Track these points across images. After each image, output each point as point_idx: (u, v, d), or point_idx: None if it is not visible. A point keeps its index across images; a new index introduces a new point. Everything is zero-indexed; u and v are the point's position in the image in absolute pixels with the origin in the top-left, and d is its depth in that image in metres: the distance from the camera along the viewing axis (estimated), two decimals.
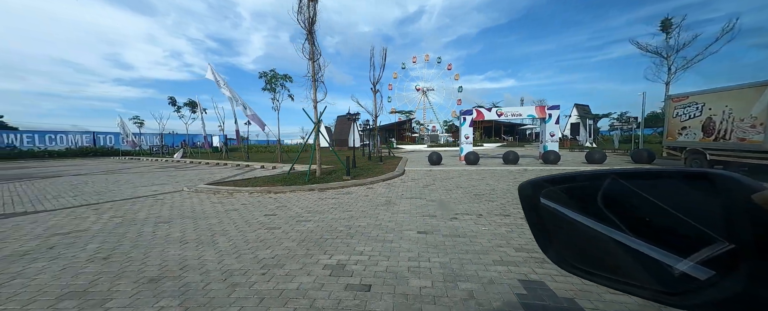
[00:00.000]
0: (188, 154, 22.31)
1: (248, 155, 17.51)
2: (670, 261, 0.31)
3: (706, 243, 0.29)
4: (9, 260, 2.77)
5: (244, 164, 13.92)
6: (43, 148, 28.95)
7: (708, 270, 0.29)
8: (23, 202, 5.76)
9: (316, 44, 7.84)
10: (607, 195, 0.38)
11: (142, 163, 18.31)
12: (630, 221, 0.36)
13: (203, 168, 13.34)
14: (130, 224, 3.95)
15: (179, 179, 9.06)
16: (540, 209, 0.44)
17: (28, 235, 3.57)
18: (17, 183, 8.79)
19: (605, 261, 0.39)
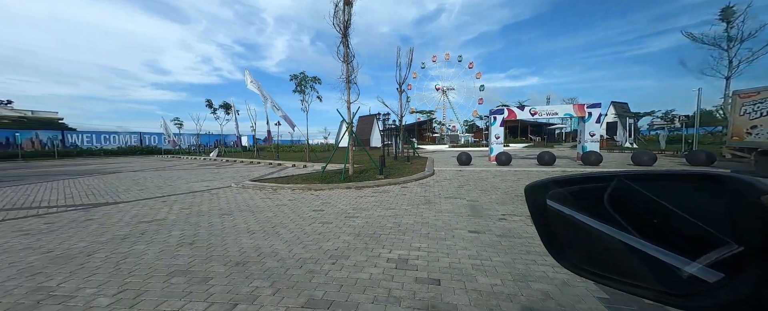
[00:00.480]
0: (223, 153, 23.93)
1: (278, 154, 18.43)
2: (677, 263, 0.31)
3: (714, 245, 0.29)
4: (115, 242, 3.24)
5: (275, 163, 14.67)
6: (99, 147, 32.57)
7: (716, 272, 0.29)
8: (102, 194, 6.58)
9: (350, 47, 8.11)
10: (614, 197, 0.37)
11: (183, 161, 19.96)
12: (637, 223, 0.35)
13: (239, 167, 14.26)
14: (198, 215, 4.39)
15: (223, 176, 9.80)
16: (547, 211, 0.44)
17: (119, 222, 4.11)
18: (88, 178, 10.01)
19: (612, 263, 0.38)
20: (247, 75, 13.11)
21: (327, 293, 2.06)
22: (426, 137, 49.73)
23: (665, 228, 0.33)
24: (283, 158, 17.43)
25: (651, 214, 0.34)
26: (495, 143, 11.35)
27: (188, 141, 36.32)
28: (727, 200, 0.29)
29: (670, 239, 0.32)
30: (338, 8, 7.79)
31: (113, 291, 2.16)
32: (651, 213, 0.34)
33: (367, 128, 33.83)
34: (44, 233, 3.63)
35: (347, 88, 8.15)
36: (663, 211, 0.33)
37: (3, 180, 9.72)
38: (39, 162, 20.91)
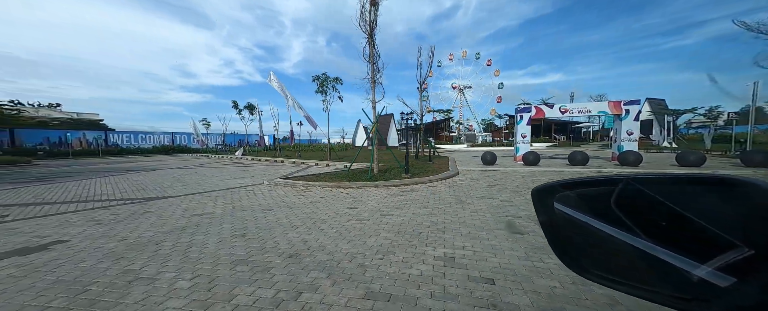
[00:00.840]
0: (247, 152, 25.06)
1: (300, 153, 19.01)
2: (687, 267, 0.31)
3: (724, 248, 0.29)
4: (176, 233, 3.54)
5: (299, 162, 15.14)
6: (136, 146, 35.24)
7: (727, 276, 0.28)
8: (151, 189, 7.15)
9: (376, 47, 8.21)
10: (622, 199, 0.37)
11: (212, 159, 21.12)
12: (646, 226, 0.35)
13: (265, 165, 14.87)
14: (241, 210, 4.67)
15: (253, 174, 10.29)
16: (554, 214, 0.44)
17: (173, 215, 4.47)
18: (133, 174, 10.90)
19: (621, 266, 0.38)
20: (272, 76, 13.62)
21: (383, 287, 2.15)
22: (442, 137, 49.06)
23: (674, 231, 0.33)
24: (305, 156, 17.95)
25: (659, 217, 0.34)
26: (521, 142, 11.00)
27: (214, 141, 38.37)
28: (737, 203, 0.29)
29: (679, 242, 0.32)
30: (364, 9, 7.91)
31: (189, 276, 2.39)
32: (659, 216, 0.34)
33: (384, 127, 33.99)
34: (114, 223, 4.04)
35: (372, 88, 8.26)
36: (672, 214, 0.33)
37: (64, 176, 10.82)
38: (87, 160, 23.01)
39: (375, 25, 7.88)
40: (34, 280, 2.34)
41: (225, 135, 33.64)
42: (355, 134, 41.64)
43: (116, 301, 2.02)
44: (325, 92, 15.07)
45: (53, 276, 2.41)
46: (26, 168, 15.09)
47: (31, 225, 3.97)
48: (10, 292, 2.15)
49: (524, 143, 10.93)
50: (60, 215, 4.51)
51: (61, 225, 3.94)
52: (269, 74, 13.65)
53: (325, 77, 15.06)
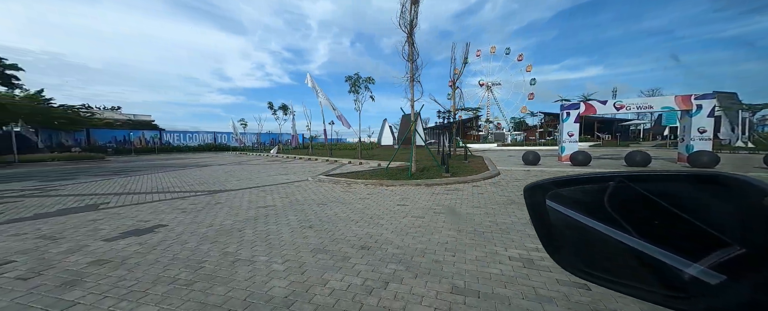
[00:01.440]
0: (281, 150, 26.56)
1: (331, 152, 19.71)
2: (679, 265, 0.31)
3: (715, 246, 0.29)
4: (251, 222, 3.91)
5: (331, 160, 15.70)
6: (184, 144, 39.07)
7: (718, 274, 0.28)
8: (211, 183, 7.92)
9: (415, 46, 8.24)
10: (615, 198, 0.37)
11: (251, 157, 22.69)
12: (638, 224, 0.35)
13: (300, 162, 15.64)
14: (299, 204, 5.00)
15: (293, 170, 10.89)
16: (546, 212, 0.44)
17: (242, 206, 4.92)
18: (189, 170, 12.11)
19: (612, 265, 0.38)
20: (309, 78, 14.27)
21: (467, 283, 2.19)
22: (469, 136, 47.57)
23: (666, 229, 0.33)
24: (336, 155, 18.54)
25: (652, 215, 0.34)
26: (568, 141, 10.29)
27: (250, 139, 41.20)
28: (729, 202, 0.29)
29: (670, 240, 0.32)
30: (405, 8, 7.97)
31: (279, 260, 2.64)
32: (652, 214, 0.34)
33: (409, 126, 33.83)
34: (195, 212, 4.56)
35: (411, 86, 8.30)
36: (664, 212, 0.33)
37: (135, 170, 12.37)
38: (146, 156, 26.05)
39: (415, 24, 7.90)
40: (157, 256, 2.75)
41: (260, 134, 35.96)
42: (380, 133, 41.97)
43: (230, 277, 2.31)
44: (357, 92, 15.42)
45: (170, 254, 2.81)
46: (102, 163, 17.50)
47: (132, 211, 4.63)
48: (144, 264, 2.56)
49: (571, 141, 10.21)
50: (149, 204, 5.20)
51: (154, 212, 4.54)
52: (307, 76, 14.33)
53: (358, 77, 15.40)
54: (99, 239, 3.27)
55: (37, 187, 7.47)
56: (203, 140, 40.85)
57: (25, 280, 2.29)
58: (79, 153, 22.89)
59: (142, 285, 2.20)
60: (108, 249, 2.95)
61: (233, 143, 36.15)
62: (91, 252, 2.87)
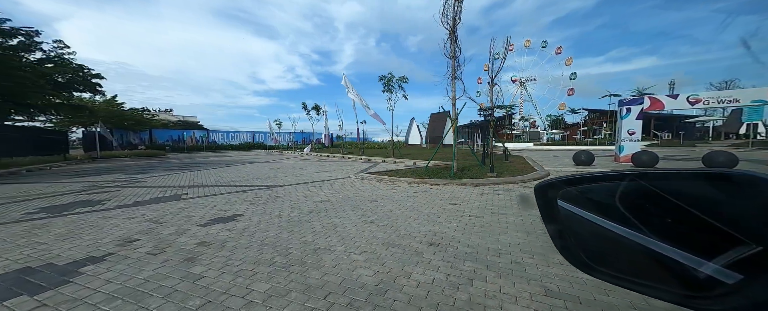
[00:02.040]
0: (314, 148, 27.79)
1: (363, 150, 20.17)
2: (694, 264, 0.30)
3: (732, 245, 0.28)
4: (313, 215, 4.18)
5: (365, 158, 16.05)
6: (227, 143, 42.69)
7: (735, 273, 0.28)
8: (263, 179, 8.57)
9: (458, 43, 8.09)
10: (626, 196, 0.37)
11: (287, 155, 24.04)
12: (651, 223, 0.34)
13: (334, 160, 16.21)
14: (351, 200, 5.22)
15: (332, 168, 11.35)
16: (558, 211, 0.43)
17: (299, 200, 5.27)
18: (238, 166, 13.19)
19: (626, 264, 0.38)
20: (345, 79, 14.71)
21: (561, 288, 2.12)
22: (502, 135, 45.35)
23: (680, 228, 0.32)
24: (368, 153, 18.90)
25: (665, 213, 0.34)
26: (628, 139, 9.34)
27: (284, 138, 43.71)
28: (744, 199, 0.28)
29: (685, 239, 0.32)
30: (448, 5, 7.86)
31: (356, 251, 2.80)
32: (665, 213, 0.34)
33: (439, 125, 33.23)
34: (262, 203, 5.00)
35: (453, 84, 8.16)
36: (677, 210, 0.32)
37: (195, 166, 13.82)
38: (198, 153, 28.96)
39: (459, 21, 7.75)
40: (247, 241, 3.09)
41: (293, 134, 37.99)
42: (408, 131, 41.89)
43: (318, 263, 2.52)
44: (390, 91, 15.54)
45: (257, 240, 3.13)
46: (164, 159, 19.82)
47: (208, 202, 5.22)
48: (240, 248, 2.89)
49: (632, 140, 9.23)
50: (220, 196, 5.81)
51: (228, 203, 5.07)
52: (343, 77, 14.80)
53: (391, 77, 15.51)
54: (194, 224, 3.75)
55: (125, 179, 8.73)
56: (243, 139, 44.24)
57: (154, 255, 2.73)
58: (144, 150, 26.22)
59: (248, 265, 2.49)
60: (205, 233, 3.37)
61: (269, 141, 38.68)
62: (193, 235, 3.31)
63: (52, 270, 2.42)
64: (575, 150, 21.05)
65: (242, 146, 41.38)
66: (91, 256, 2.70)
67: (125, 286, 2.14)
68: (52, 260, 2.62)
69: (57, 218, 4.07)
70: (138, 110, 33.30)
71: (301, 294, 2.03)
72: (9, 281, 2.22)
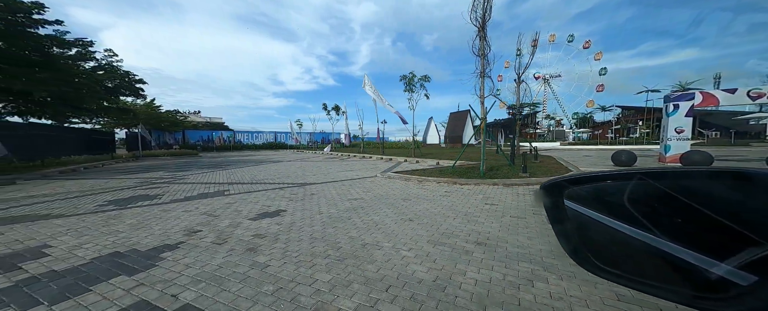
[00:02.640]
0: (334, 148, 28.40)
1: (383, 150, 20.31)
2: (705, 265, 0.30)
3: (745, 245, 0.27)
4: (352, 212, 4.30)
5: (386, 158, 16.15)
6: (251, 142, 44.74)
7: (749, 275, 0.27)
8: (294, 177, 8.92)
9: (487, 40, 7.93)
10: (635, 196, 0.37)
11: (309, 154, 24.74)
12: (660, 223, 0.34)
13: (356, 160, 16.46)
14: (384, 198, 5.30)
15: (357, 168, 11.55)
16: (564, 211, 0.43)
17: (334, 197, 5.44)
18: (267, 165, 13.79)
19: (635, 264, 0.37)
20: (366, 80, 14.89)
21: (635, 293, 2.03)
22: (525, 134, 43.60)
23: (690, 228, 0.32)
24: (388, 153, 18.99)
25: (675, 213, 0.33)
26: (675, 138, 8.64)
27: (304, 138, 45.04)
28: (757, 198, 0.28)
29: (696, 239, 0.31)
30: (477, 2, 7.73)
31: (405, 247, 2.86)
32: (675, 212, 0.33)
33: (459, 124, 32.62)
34: (300, 200, 5.22)
35: (482, 82, 8.02)
36: (688, 210, 0.32)
37: (227, 164, 14.64)
38: (226, 152, 30.59)
39: (489, 17, 7.60)
40: (298, 235, 3.26)
41: (312, 134, 39.09)
42: (426, 131, 41.49)
43: (370, 258, 2.61)
44: (412, 91, 15.53)
45: (306, 234, 3.29)
46: (197, 158, 21.17)
47: (251, 197, 5.54)
48: (293, 240, 3.06)
49: (681, 139, 8.53)
50: (259, 192, 6.14)
51: (269, 199, 5.35)
52: (364, 78, 15.00)
53: (413, 76, 15.49)
54: (245, 218, 4.01)
55: (170, 176, 9.46)
56: (266, 139, 46.14)
57: (219, 245, 2.96)
58: (179, 150, 28.17)
59: (305, 257, 2.64)
60: (257, 226, 3.60)
61: (290, 141, 40.12)
62: (247, 228, 3.54)
63: (138, 254, 2.72)
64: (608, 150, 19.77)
65: (265, 145, 43.16)
66: (165, 244, 2.99)
67: (203, 271, 2.36)
68: (134, 246, 2.93)
69: (125, 210, 4.52)
70: (172, 113, 35.81)
71: (363, 286, 2.13)
72: (107, 263, 2.52)
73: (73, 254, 2.72)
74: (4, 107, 14.15)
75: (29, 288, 2.08)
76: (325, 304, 1.90)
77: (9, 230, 3.46)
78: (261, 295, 2.00)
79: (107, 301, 1.92)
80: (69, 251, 2.79)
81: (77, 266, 2.45)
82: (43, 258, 2.62)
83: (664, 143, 8.77)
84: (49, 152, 13.21)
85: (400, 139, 49.00)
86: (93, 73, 16.03)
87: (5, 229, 3.52)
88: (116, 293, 2.03)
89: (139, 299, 1.95)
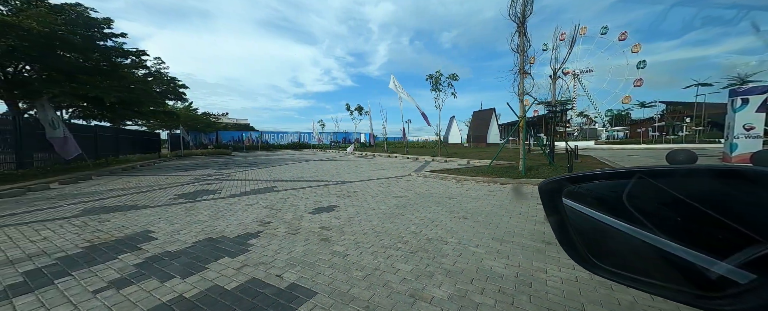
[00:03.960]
0: (357, 148, 28.91)
1: (407, 149, 20.38)
2: (705, 263, 0.30)
3: (744, 244, 0.28)
4: (402, 208, 4.41)
5: (412, 157, 16.18)
6: (276, 142, 46.83)
7: (748, 273, 0.27)
8: (331, 175, 9.25)
9: (527, 36, 7.70)
10: (634, 194, 0.37)
11: (333, 154, 25.40)
12: (660, 222, 0.34)
13: (383, 159, 16.65)
14: (428, 196, 5.36)
15: (386, 167, 11.70)
16: (563, 210, 0.43)
17: (377, 195, 5.60)
18: (300, 163, 14.38)
19: (635, 263, 0.38)
20: (393, 80, 15.02)
21: None
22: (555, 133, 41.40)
23: (690, 227, 0.32)
24: (412, 152, 18.99)
25: (675, 212, 0.33)
26: (745, 136, 7.81)
27: (326, 139, 46.32)
28: (758, 197, 0.28)
29: (696, 238, 0.31)
30: None
31: (470, 244, 2.91)
32: (675, 211, 0.33)
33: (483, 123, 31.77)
34: (345, 197, 5.43)
35: (521, 80, 7.81)
36: (687, 209, 0.32)
37: (262, 163, 15.47)
38: (255, 152, 32.25)
39: (530, 12, 7.39)
40: (361, 228, 3.42)
41: (333, 134, 40.08)
42: (447, 130, 40.87)
43: (441, 252, 2.69)
44: (439, 90, 15.41)
45: (369, 227, 3.45)
46: (232, 157, 22.57)
47: (299, 193, 5.86)
48: (359, 233, 3.23)
49: (751, 137, 7.70)
50: (305, 189, 6.46)
51: (317, 195, 5.63)
52: (391, 78, 15.14)
53: (439, 75, 15.37)
54: (304, 212, 4.27)
55: (217, 174, 10.22)
56: (290, 140, 48.09)
57: (294, 235, 3.21)
58: (213, 149, 30.22)
59: (378, 248, 2.79)
60: (319, 220, 3.83)
61: (313, 141, 41.45)
62: (311, 221, 3.79)
63: (228, 240, 3.03)
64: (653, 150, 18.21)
65: (290, 145, 44.98)
66: (247, 233, 3.29)
67: (292, 257, 2.59)
68: (222, 233, 3.26)
69: (197, 203, 5.00)
70: (206, 115, 38.48)
71: (447, 277, 2.22)
72: (207, 246, 2.85)
73: (175, 238, 3.09)
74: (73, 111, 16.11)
75: (158, 265, 2.42)
76: (418, 291, 2.02)
77: (112, 218, 4.00)
78: (354, 280, 2.17)
79: (225, 277, 2.19)
80: (170, 236, 3.18)
81: (184, 248, 2.80)
82: (153, 241, 3.02)
83: (730, 141, 7.92)
84: (110, 152, 14.82)
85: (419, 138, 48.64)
86: (146, 80, 17.69)
87: (109, 217, 4.07)
88: (228, 271, 2.30)
89: (251, 277, 2.20)
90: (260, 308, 1.82)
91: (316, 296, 1.96)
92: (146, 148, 21.02)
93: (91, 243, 2.96)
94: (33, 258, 2.59)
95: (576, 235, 0.44)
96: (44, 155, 9.75)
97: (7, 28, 7.32)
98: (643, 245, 0.35)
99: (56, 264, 2.46)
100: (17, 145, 8.84)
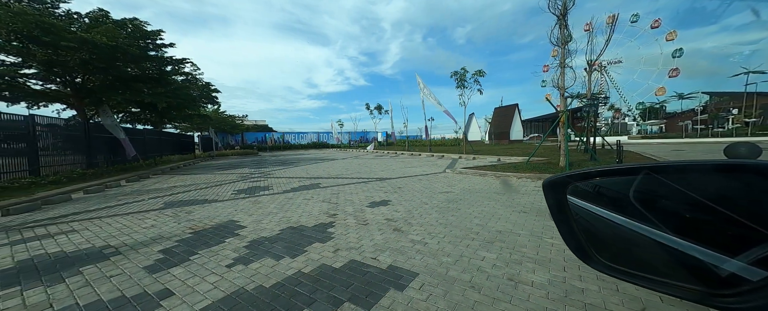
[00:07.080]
0: (377, 146, 29.22)
1: (430, 147, 20.34)
2: (715, 261, 0.29)
3: (756, 241, 0.27)
4: (456, 203, 4.50)
5: (436, 155, 16.15)
6: (296, 142, 48.36)
7: (761, 270, 0.27)
8: (364, 173, 9.50)
9: (568, 29, 7.50)
10: (641, 191, 0.36)
11: (355, 152, 25.81)
12: (668, 219, 0.33)
13: (408, 157, 16.72)
14: (474, 192, 5.41)
15: (416, 164, 11.80)
16: (568, 208, 0.42)
17: (422, 192, 5.72)
18: (328, 162, 14.81)
19: (642, 261, 0.37)
20: (418, 79, 15.07)
21: None
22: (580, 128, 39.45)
23: (700, 224, 0.31)
24: (435, 150, 18.93)
25: (683, 209, 0.33)
26: None
27: (344, 138, 47.18)
28: (766, 191, 0.27)
29: (705, 235, 0.31)
30: None
31: (545, 236, 2.97)
32: (683, 208, 0.33)
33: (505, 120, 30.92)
34: (392, 192, 5.61)
35: (562, 73, 7.62)
36: (697, 205, 0.31)
37: (293, 162, 16.09)
38: (278, 152, 33.51)
39: (572, 4, 7.19)
40: (425, 221, 3.57)
41: (351, 133, 40.74)
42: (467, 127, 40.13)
43: (517, 243, 2.77)
44: (464, 87, 15.27)
45: (433, 220, 3.59)
46: (259, 157, 23.63)
47: (345, 189, 6.12)
48: (425, 225, 3.38)
49: None
50: (349, 185, 6.73)
51: (365, 191, 5.86)
52: (416, 76, 15.20)
53: (465, 72, 15.22)
54: (362, 206, 4.50)
55: (258, 172, 10.82)
56: (310, 139, 49.50)
57: (364, 225, 3.42)
58: (240, 150, 31.80)
59: (452, 238, 2.92)
60: (380, 212, 4.03)
61: (332, 141, 42.39)
62: (373, 213, 3.99)
63: (308, 229, 3.30)
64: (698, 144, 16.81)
65: (310, 145, 46.30)
66: (321, 223, 3.55)
67: (376, 243, 2.79)
68: (299, 223, 3.55)
69: (258, 198, 5.40)
70: (232, 117, 40.53)
71: (535, 264, 2.31)
72: (294, 234, 3.13)
73: (261, 227, 3.41)
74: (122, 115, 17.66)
75: (263, 247, 2.72)
76: (515, 275, 2.13)
77: (194, 210, 4.44)
78: (446, 264, 2.32)
79: (328, 258, 2.43)
80: (256, 224, 3.51)
81: (275, 235, 3.10)
82: (245, 229, 3.36)
83: None
84: (155, 153, 16.11)
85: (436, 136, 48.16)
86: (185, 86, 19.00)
87: (191, 209, 4.53)
88: (327, 254, 2.54)
89: (350, 259, 2.42)
90: (374, 283, 2.02)
91: (419, 276, 2.13)
92: (183, 149, 22.56)
93: (194, 230, 3.34)
94: (156, 241, 2.99)
95: (581, 232, 0.43)
96: (102, 156, 10.84)
97: (83, 43, 8.25)
98: (651, 242, 0.34)
99: (179, 245, 2.83)
100: (87, 147, 9.91)
